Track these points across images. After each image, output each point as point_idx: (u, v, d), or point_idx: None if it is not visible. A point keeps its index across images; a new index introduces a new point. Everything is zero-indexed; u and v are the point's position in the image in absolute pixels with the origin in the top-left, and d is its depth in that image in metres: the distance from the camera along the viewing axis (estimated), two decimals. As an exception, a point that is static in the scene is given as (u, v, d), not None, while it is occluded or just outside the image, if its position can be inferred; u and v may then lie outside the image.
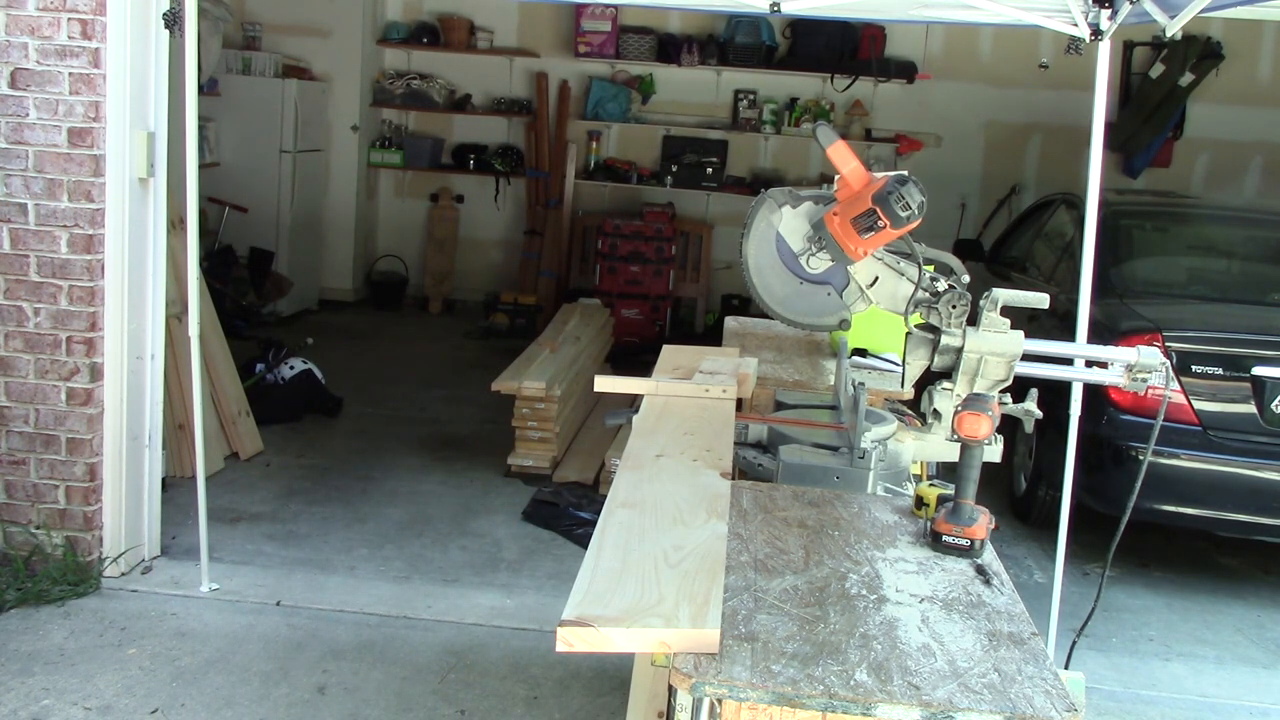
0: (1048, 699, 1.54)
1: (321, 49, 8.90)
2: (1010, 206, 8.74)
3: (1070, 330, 3.97)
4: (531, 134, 9.18)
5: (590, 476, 5.42)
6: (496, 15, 9.06)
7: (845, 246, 2.25)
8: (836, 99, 9.01)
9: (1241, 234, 6.06)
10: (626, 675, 3.21)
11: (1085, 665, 3.89)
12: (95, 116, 3.84)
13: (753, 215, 2.40)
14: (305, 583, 4.19)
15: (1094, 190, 3.84)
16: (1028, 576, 4.80)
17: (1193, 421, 4.59)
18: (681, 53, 8.85)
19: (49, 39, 3.81)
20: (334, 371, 6.58)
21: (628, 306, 8.55)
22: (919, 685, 1.55)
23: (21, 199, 3.89)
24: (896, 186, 2.13)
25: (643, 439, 2.44)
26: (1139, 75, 8.66)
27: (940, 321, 2.30)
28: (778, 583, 1.86)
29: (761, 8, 3.93)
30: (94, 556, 4.07)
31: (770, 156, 9.26)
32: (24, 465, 4.03)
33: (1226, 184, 8.77)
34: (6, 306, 3.95)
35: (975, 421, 2.07)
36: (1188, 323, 4.80)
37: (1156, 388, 2.42)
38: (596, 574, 1.75)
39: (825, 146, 2.24)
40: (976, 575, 1.97)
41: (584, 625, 1.58)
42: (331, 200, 9.04)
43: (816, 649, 1.63)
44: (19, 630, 3.72)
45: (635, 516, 2.00)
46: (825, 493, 2.33)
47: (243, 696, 3.43)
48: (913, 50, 8.83)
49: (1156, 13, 3.73)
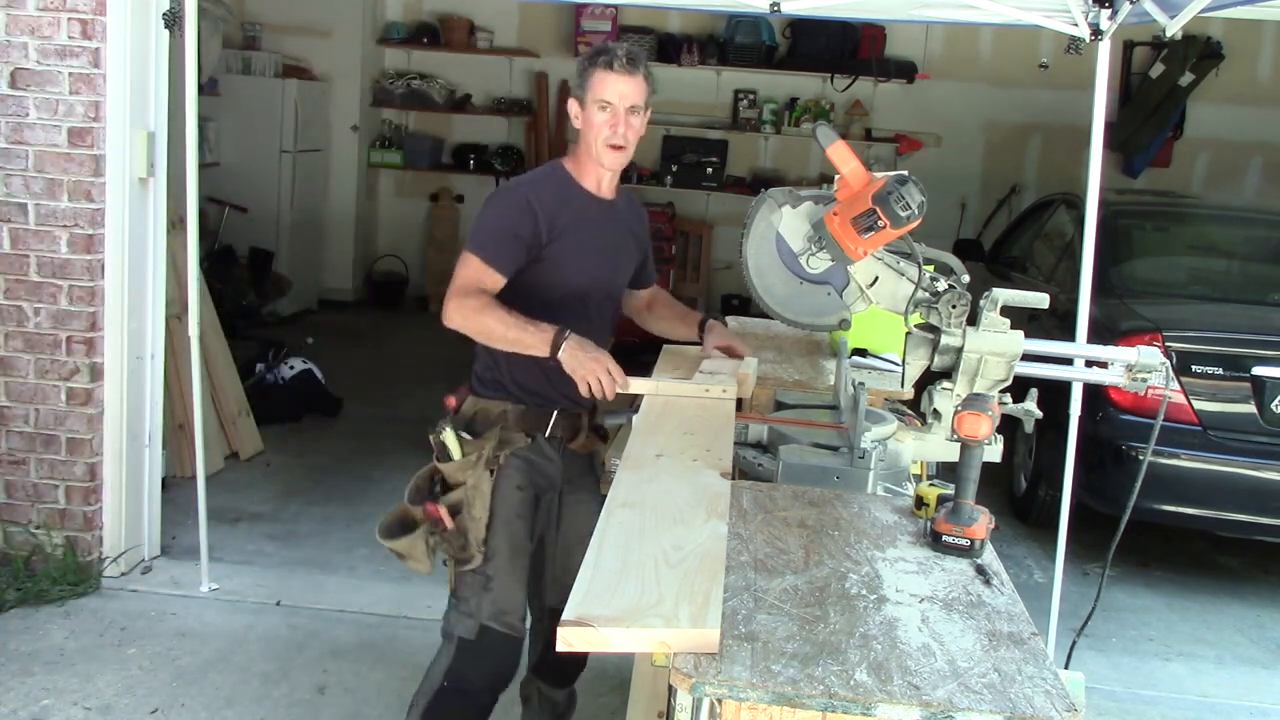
0: (1048, 699, 1.54)
1: (321, 49, 8.90)
2: (1010, 206, 8.74)
3: (1070, 330, 3.97)
4: (531, 134, 9.18)
5: (590, 476, 5.42)
6: (496, 15, 9.06)
7: (845, 246, 2.25)
8: (836, 99, 9.01)
9: (1241, 234, 6.06)
10: (626, 675, 3.21)
11: (1085, 665, 3.89)
12: (95, 116, 3.84)
13: (753, 215, 2.40)
14: (305, 583, 4.19)
15: (1094, 190, 3.84)
16: (1028, 576, 4.80)
17: (1193, 421, 4.59)
18: (681, 53, 8.85)
19: (49, 39, 3.81)
20: (334, 371, 6.58)
21: (628, 306, 8.54)
22: (919, 685, 1.55)
23: (21, 199, 3.89)
24: (896, 186, 2.13)
25: (643, 439, 2.43)
26: (1139, 75, 8.67)
27: (940, 321, 2.30)
28: (778, 583, 1.86)
29: (761, 8, 3.93)
30: (94, 556, 4.07)
31: (770, 156, 9.26)
32: (24, 465, 4.03)
33: (1226, 184, 8.77)
34: (6, 306, 3.95)
35: (975, 421, 2.06)
36: (1188, 323, 4.80)
37: (1156, 388, 2.42)
38: (596, 574, 1.75)
39: (825, 146, 2.24)
40: (976, 575, 1.97)
41: (584, 625, 1.58)
42: (332, 200, 9.04)
43: (816, 649, 1.63)
44: (19, 630, 3.72)
45: (635, 516, 2.00)
46: (825, 493, 2.33)
47: (243, 696, 3.43)
48: (913, 50, 8.83)
49: (1156, 13, 3.73)
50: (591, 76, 2.64)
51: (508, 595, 2.65)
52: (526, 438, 2.71)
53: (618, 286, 2.87)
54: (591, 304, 2.76)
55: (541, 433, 2.73)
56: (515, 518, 2.68)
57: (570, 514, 2.84)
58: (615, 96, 2.61)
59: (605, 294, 2.81)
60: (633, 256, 2.89)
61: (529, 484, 2.72)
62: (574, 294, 2.70)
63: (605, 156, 2.67)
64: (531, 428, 2.72)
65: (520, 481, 2.70)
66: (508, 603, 2.65)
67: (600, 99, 2.62)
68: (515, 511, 2.68)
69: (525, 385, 2.72)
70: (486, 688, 2.67)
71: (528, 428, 2.72)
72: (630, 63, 2.62)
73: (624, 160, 2.72)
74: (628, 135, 2.65)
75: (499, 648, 2.66)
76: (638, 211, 2.97)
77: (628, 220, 2.86)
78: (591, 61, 2.65)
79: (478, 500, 2.64)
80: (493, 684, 2.68)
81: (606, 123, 2.63)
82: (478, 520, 2.64)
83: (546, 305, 2.63)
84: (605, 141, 2.65)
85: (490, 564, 2.64)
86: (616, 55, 2.61)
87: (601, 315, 2.81)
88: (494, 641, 2.64)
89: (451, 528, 2.63)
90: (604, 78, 2.62)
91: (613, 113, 2.62)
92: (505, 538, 2.66)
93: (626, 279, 2.91)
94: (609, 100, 2.61)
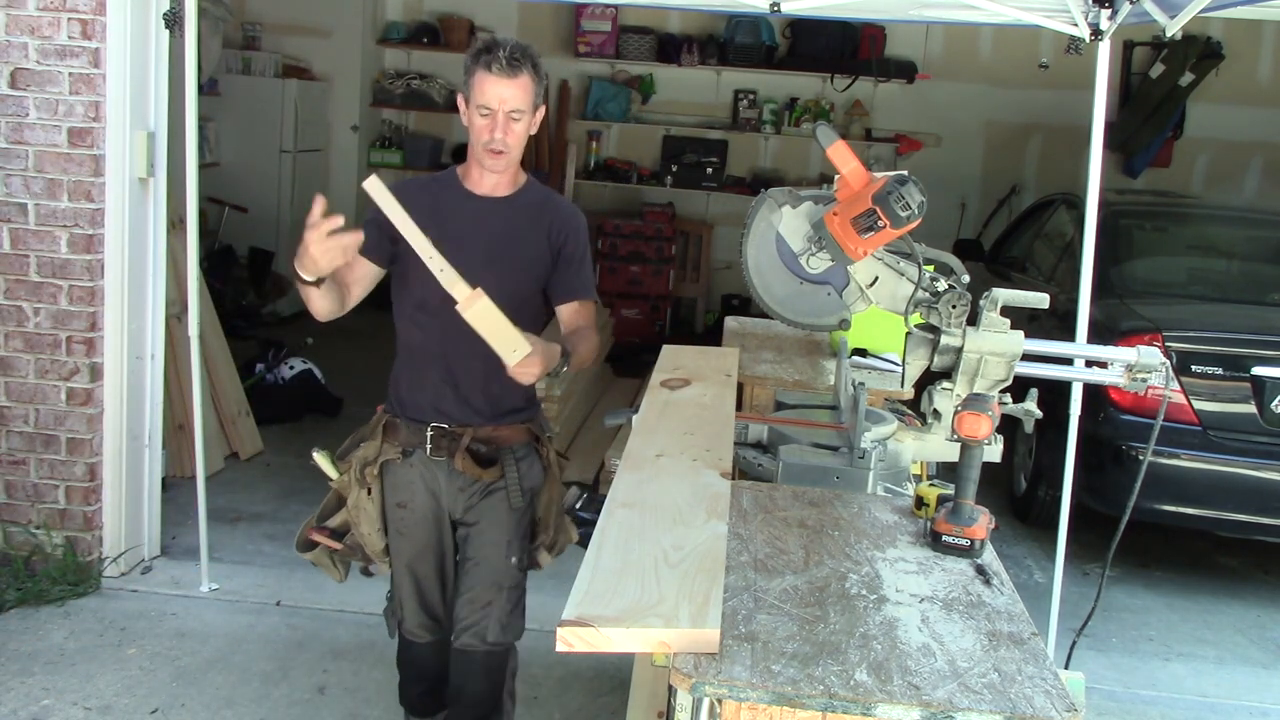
0: (1048, 699, 1.54)
1: (321, 49, 8.90)
2: (1010, 206, 8.74)
3: (1070, 330, 3.97)
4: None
5: (590, 476, 5.42)
6: (496, 15, 9.06)
7: (845, 246, 2.25)
8: (836, 99, 9.01)
9: (1241, 234, 6.06)
10: (626, 675, 3.21)
11: (1085, 665, 3.89)
12: (95, 116, 3.84)
13: (753, 215, 2.40)
14: (305, 583, 4.19)
15: (1094, 190, 3.84)
16: (1028, 576, 4.80)
17: (1193, 421, 4.59)
18: (681, 53, 8.85)
19: (49, 39, 3.81)
20: (334, 371, 6.57)
21: (628, 306, 8.55)
22: (919, 685, 1.55)
23: (21, 199, 3.89)
24: (896, 186, 2.13)
25: (643, 439, 2.44)
26: (1139, 75, 8.66)
27: (940, 321, 2.30)
28: (778, 583, 1.86)
29: (761, 8, 3.93)
30: (94, 556, 4.07)
31: (770, 156, 9.26)
32: (24, 465, 4.03)
33: (1226, 184, 8.77)
34: (6, 306, 3.95)
35: (975, 421, 2.07)
36: (1188, 323, 4.80)
37: (1156, 388, 2.42)
38: (596, 574, 1.75)
39: (825, 146, 2.24)
40: (976, 575, 1.97)
41: (584, 625, 1.58)
42: (332, 200, 8.88)
43: (816, 649, 1.63)
44: (19, 630, 3.72)
45: (635, 516, 2.00)
46: (825, 493, 2.33)
47: (243, 696, 3.43)
48: (913, 50, 8.83)
49: (1156, 13, 3.73)
50: (473, 76, 2.48)
51: (406, 606, 2.77)
52: (401, 453, 2.66)
53: (511, 285, 2.52)
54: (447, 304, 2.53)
55: (421, 448, 2.64)
56: (397, 534, 2.71)
57: (470, 549, 2.70)
58: (495, 101, 2.45)
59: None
60: (535, 259, 2.62)
61: (412, 501, 2.67)
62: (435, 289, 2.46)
63: (485, 160, 2.53)
64: (406, 443, 2.66)
65: (401, 499, 2.68)
66: (406, 613, 2.78)
67: (480, 104, 2.47)
68: (396, 528, 2.70)
69: (402, 398, 2.68)
70: (414, 678, 2.85)
71: (402, 443, 2.66)
72: (512, 64, 2.43)
73: (505, 164, 2.55)
74: (507, 140, 2.49)
75: (408, 647, 2.84)
76: (560, 215, 2.67)
77: (534, 220, 2.61)
78: (475, 59, 2.48)
79: (363, 519, 2.67)
80: (415, 676, 2.86)
81: (486, 128, 2.48)
82: (367, 535, 2.69)
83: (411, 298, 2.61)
84: (485, 147, 2.50)
85: (392, 575, 2.78)
86: (498, 56, 2.43)
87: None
88: (403, 642, 2.85)
89: (340, 549, 2.74)
90: (484, 80, 2.45)
91: (492, 119, 2.47)
92: (393, 554, 2.73)
93: (531, 281, 2.63)
94: (489, 106, 2.46)
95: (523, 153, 2.59)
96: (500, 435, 2.66)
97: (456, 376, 2.61)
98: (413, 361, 2.68)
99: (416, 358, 2.66)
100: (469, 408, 2.63)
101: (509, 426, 2.67)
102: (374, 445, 2.69)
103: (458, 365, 2.60)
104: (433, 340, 2.60)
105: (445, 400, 2.62)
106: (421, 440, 2.63)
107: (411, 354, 2.68)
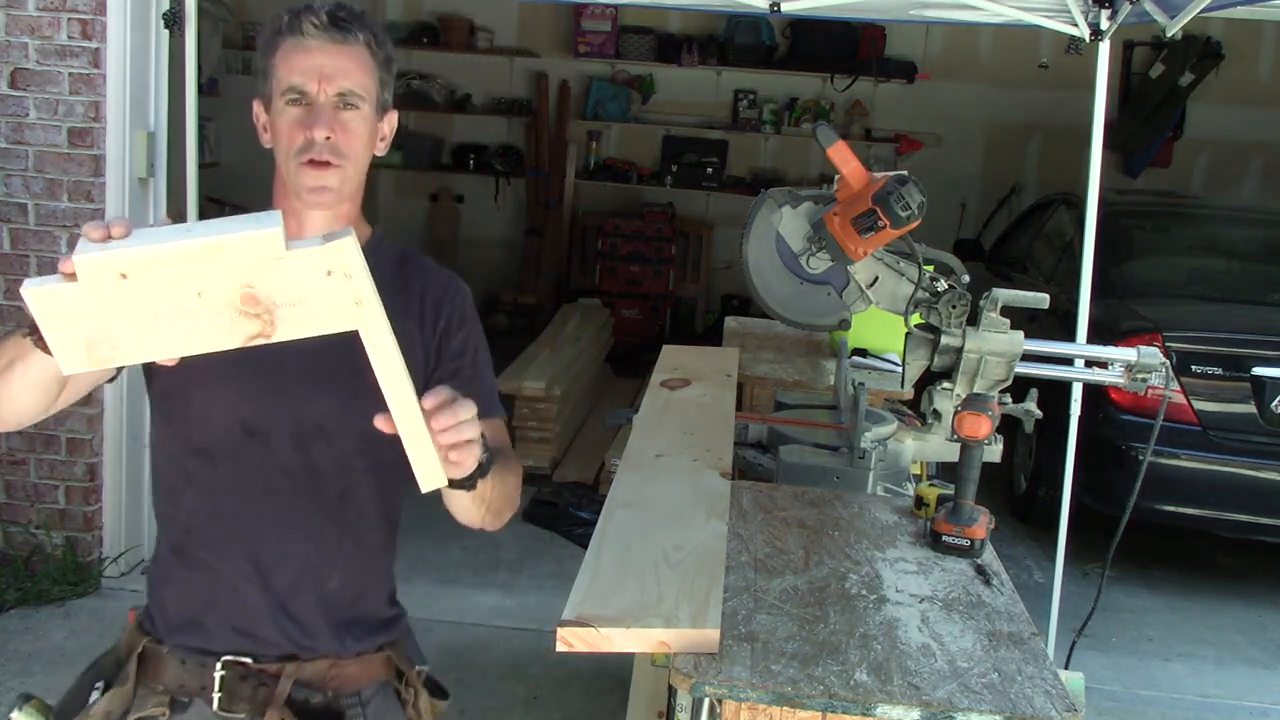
0: (1048, 699, 1.54)
1: (321, 49, 8.89)
2: (1010, 206, 8.73)
3: (1070, 330, 3.97)
4: (531, 134, 9.18)
5: (590, 476, 5.42)
6: (496, 15, 9.05)
7: (845, 246, 2.25)
8: (836, 99, 9.00)
9: (1241, 234, 6.06)
10: (626, 675, 3.21)
11: (1085, 665, 3.89)
12: (95, 116, 3.84)
13: (752, 215, 2.41)
14: (305, 583, 4.18)
15: (1094, 190, 3.84)
16: (1028, 576, 4.80)
17: (1193, 421, 4.59)
18: (681, 53, 8.85)
19: (49, 39, 3.81)
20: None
21: (628, 306, 8.55)
22: (919, 685, 1.55)
23: (21, 199, 3.89)
24: (896, 186, 2.13)
25: (643, 439, 2.44)
26: (1139, 75, 8.66)
27: (940, 321, 2.30)
28: (778, 583, 1.86)
29: (761, 8, 3.93)
30: (94, 556, 4.07)
31: (770, 156, 9.26)
32: (24, 465, 4.03)
33: (1226, 184, 8.76)
34: (7, 307, 3.95)
35: (975, 421, 2.07)
36: (1188, 323, 4.80)
37: (1156, 388, 2.42)
38: (596, 574, 1.75)
39: (825, 147, 2.25)
40: (976, 575, 1.97)
41: (584, 625, 1.58)
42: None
43: (816, 649, 1.63)
44: (19, 630, 3.72)
45: (635, 516, 2.00)
46: (825, 493, 2.33)
47: (243, 696, 3.42)
48: (913, 50, 8.83)
49: (1156, 13, 3.73)
50: (274, 55, 1.53)
51: None
52: (169, 706, 1.56)
53: (362, 422, 1.36)
54: (251, 448, 1.54)
55: (202, 697, 1.55)
56: None
57: None
58: (314, 78, 1.50)
59: (289, 433, 1.54)
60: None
61: None
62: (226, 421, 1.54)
63: (302, 180, 1.52)
64: (178, 688, 1.57)
65: None
66: None
67: (289, 86, 1.50)
68: None
69: (167, 609, 1.59)
70: None
71: (169, 687, 1.57)
72: (338, 24, 1.51)
73: (337, 186, 1.55)
74: (340, 142, 1.52)
75: None
76: (435, 287, 1.67)
77: (395, 297, 1.44)
78: (275, 31, 1.54)
79: None
80: None
81: (300, 124, 1.50)
82: None
83: (183, 439, 1.59)
84: (301, 155, 1.50)
85: None
86: (315, 14, 1.50)
87: (286, 474, 1.55)
88: None
89: None
90: (293, 51, 1.51)
91: (310, 109, 1.50)
92: None
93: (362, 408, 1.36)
94: (303, 88, 1.50)
95: (362, 188, 1.63)
96: (344, 674, 1.60)
97: (267, 569, 1.56)
98: (188, 545, 1.59)
99: (195, 539, 1.59)
100: (293, 625, 1.57)
101: (357, 659, 1.61)
102: (122, 693, 1.59)
103: (267, 548, 1.56)
104: (225, 507, 1.56)
105: (247, 612, 1.56)
106: (205, 684, 1.55)
107: (187, 532, 1.60)
